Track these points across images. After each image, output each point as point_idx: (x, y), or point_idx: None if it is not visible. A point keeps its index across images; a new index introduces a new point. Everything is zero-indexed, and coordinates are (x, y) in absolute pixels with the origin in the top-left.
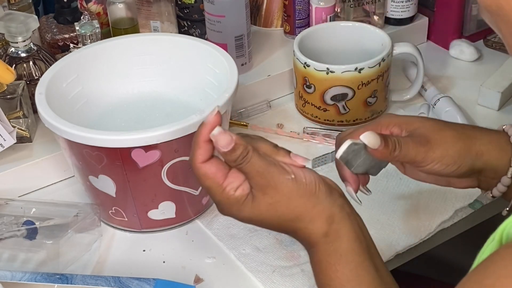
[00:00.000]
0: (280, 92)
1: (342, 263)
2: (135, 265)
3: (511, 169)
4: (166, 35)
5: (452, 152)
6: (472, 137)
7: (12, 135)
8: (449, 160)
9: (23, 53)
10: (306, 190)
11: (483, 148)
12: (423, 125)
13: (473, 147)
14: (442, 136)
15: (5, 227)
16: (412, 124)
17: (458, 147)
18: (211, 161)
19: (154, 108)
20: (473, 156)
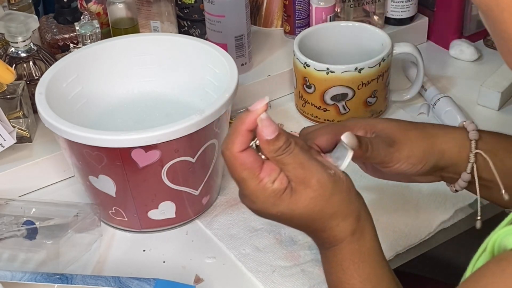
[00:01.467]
0: (280, 92)
1: (365, 261)
2: (135, 265)
3: (470, 165)
4: (166, 35)
5: (417, 152)
6: (435, 136)
7: (12, 135)
8: (415, 159)
9: (23, 53)
10: (344, 186)
11: (445, 146)
12: (387, 126)
13: (436, 146)
14: (407, 136)
15: (5, 227)
16: (376, 126)
17: (423, 146)
18: (248, 151)
19: (154, 108)
20: (436, 155)
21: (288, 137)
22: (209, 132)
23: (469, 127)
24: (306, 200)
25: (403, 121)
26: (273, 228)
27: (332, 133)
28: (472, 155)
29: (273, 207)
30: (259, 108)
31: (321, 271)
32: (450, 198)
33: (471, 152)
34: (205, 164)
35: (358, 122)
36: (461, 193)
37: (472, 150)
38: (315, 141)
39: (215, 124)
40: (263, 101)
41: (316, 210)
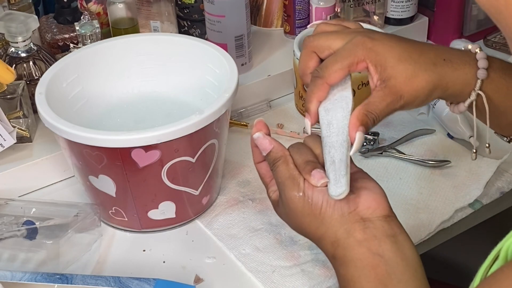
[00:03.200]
0: (280, 92)
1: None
2: (135, 265)
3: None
4: (166, 35)
5: (422, 97)
6: (443, 75)
7: (12, 135)
8: (420, 102)
9: (23, 53)
10: (311, 210)
11: (450, 83)
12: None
13: (441, 84)
14: (414, 86)
15: (5, 227)
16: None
17: (429, 90)
18: (263, 163)
19: (154, 108)
20: (439, 91)
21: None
22: (209, 132)
23: (480, 63)
24: (285, 214)
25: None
26: (273, 228)
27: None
28: (474, 94)
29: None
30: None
31: (321, 271)
32: (450, 198)
33: (474, 90)
34: (205, 164)
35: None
36: (461, 193)
37: (476, 89)
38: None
39: (215, 124)
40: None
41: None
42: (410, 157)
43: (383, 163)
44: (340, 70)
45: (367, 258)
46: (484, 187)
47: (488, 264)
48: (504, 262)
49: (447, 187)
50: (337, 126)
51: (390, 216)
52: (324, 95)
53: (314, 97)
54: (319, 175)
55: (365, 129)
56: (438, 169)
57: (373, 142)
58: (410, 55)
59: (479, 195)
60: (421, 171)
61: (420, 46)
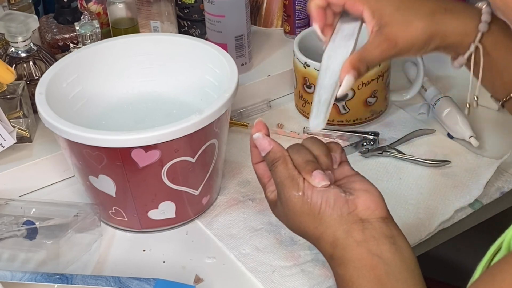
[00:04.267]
0: (280, 92)
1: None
2: (135, 265)
3: (467, 53)
4: (166, 35)
5: (419, 43)
6: (441, 23)
7: (12, 135)
8: (416, 49)
9: (23, 53)
10: (310, 210)
11: (449, 32)
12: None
13: (440, 32)
14: (410, 32)
15: (5, 227)
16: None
17: (425, 37)
18: (261, 163)
19: (154, 108)
20: (438, 39)
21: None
22: (209, 132)
23: (483, 16)
24: (284, 214)
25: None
26: (273, 228)
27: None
28: (473, 46)
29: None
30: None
31: (321, 271)
32: (450, 198)
33: (473, 42)
34: (205, 164)
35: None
36: (461, 193)
37: (475, 41)
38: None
39: (215, 124)
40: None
41: (289, 224)
42: (410, 157)
43: (383, 163)
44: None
45: (366, 258)
46: (484, 187)
47: (490, 257)
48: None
49: (447, 187)
50: (332, 70)
51: (388, 218)
52: (322, 3)
53: (313, 2)
54: (320, 176)
55: (357, 74)
56: (438, 169)
57: (373, 142)
58: (410, 5)
59: (479, 195)
60: (421, 171)
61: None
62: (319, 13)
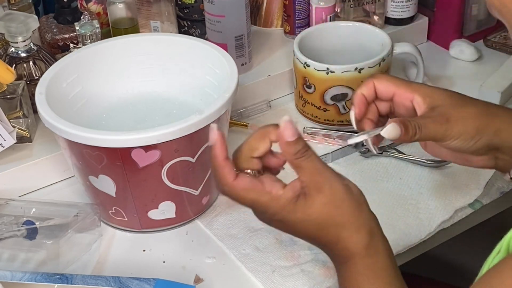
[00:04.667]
0: (280, 92)
1: (380, 277)
2: (135, 265)
3: None
4: (166, 35)
5: (470, 129)
6: (494, 115)
7: (12, 135)
8: (467, 136)
9: (23, 53)
10: (355, 199)
11: (503, 126)
12: (445, 103)
13: (492, 124)
14: (462, 114)
15: (5, 227)
16: (435, 100)
17: (478, 123)
18: (241, 176)
19: (154, 108)
20: (491, 133)
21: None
22: (209, 132)
23: None
24: (320, 205)
25: (463, 97)
26: (273, 228)
27: (395, 84)
28: None
29: (290, 214)
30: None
31: (321, 271)
32: (450, 198)
33: None
34: (205, 164)
35: (421, 88)
36: (461, 193)
37: None
38: (375, 80)
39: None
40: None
41: (329, 216)
42: (410, 157)
43: (383, 163)
44: (390, 81)
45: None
46: (484, 187)
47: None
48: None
49: (447, 187)
50: None
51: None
52: (366, 90)
53: (359, 88)
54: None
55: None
56: (438, 169)
57: None
58: (462, 96)
59: (479, 195)
60: (421, 171)
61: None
62: (361, 101)
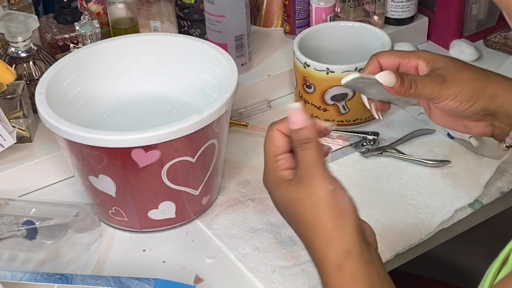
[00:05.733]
0: (280, 92)
1: None
2: (135, 265)
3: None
4: (166, 35)
5: (466, 90)
6: (490, 80)
7: (12, 135)
8: (463, 97)
9: (23, 53)
10: (335, 207)
11: (499, 91)
12: (445, 66)
13: (488, 88)
14: (459, 75)
15: (5, 227)
16: (436, 63)
17: (474, 86)
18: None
19: (154, 108)
20: (488, 97)
21: (311, 135)
22: (209, 132)
23: None
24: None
25: (464, 63)
26: (273, 228)
27: (397, 55)
28: None
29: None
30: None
31: None
32: (450, 198)
33: None
34: (205, 164)
35: (424, 54)
36: (461, 193)
37: None
38: (378, 58)
39: (215, 124)
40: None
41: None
42: (410, 157)
43: (383, 163)
44: (392, 55)
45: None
46: (484, 187)
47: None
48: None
49: (447, 187)
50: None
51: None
52: (372, 68)
53: (365, 69)
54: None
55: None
56: (438, 169)
57: (373, 142)
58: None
59: (479, 195)
60: (421, 171)
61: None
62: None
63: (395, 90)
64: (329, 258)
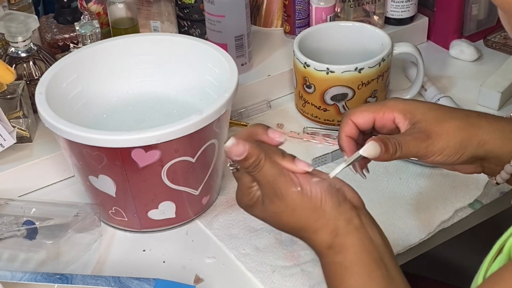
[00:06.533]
0: (280, 92)
1: (348, 274)
2: (135, 265)
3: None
4: (166, 35)
5: (453, 143)
6: (476, 126)
7: (12, 135)
8: (451, 151)
9: (23, 53)
10: (311, 203)
11: (486, 137)
12: (425, 118)
13: (475, 137)
14: (443, 128)
15: (5, 227)
16: (416, 116)
17: (460, 137)
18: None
19: (154, 108)
20: (475, 145)
21: (259, 155)
22: (209, 132)
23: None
24: (272, 213)
25: (444, 110)
26: (273, 228)
27: (370, 111)
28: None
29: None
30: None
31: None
32: (450, 198)
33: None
34: (205, 164)
35: (399, 105)
36: (461, 193)
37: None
38: (352, 117)
39: (215, 124)
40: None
41: (282, 223)
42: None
43: (383, 163)
44: (365, 112)
45: (364, 243)
46: (484, 187)
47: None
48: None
49: (447, 187)
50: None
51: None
52: (348, 130)
53: (341, 131)
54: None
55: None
56: (438, 169)
57: None
58: (441, 107)
59: (479, 195)
60: (421, 171)
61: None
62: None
63: (381, 159)
64: (319, 243)
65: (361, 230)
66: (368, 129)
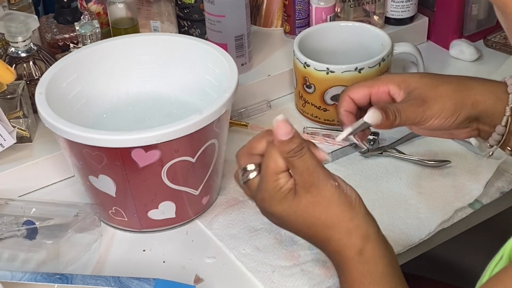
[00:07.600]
0: (280, 92)
1: (376, 285)
2: (135, 265)
3: (505, 118)
4: (166, 35)
5: (448, 105)
6: (469, 87)
7: (12, 135)
8: (447, 113)
9: (23, 53)
10: (346, 201)
11: (479, 97)
12: (419, 85)
13: (468, 98)
14: (437, 92)
15: (5, 227)
16: (410, 85)
17: (454, 99)
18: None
19: (154, 108)
20: (469, 106)
21: (302, 141)
22: (209, 132)
23: (509, 81)
24: (305, 204)
25: (437, 76)
26: (273, 228)
27: (366, 86)
28: (509, 108)
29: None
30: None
31: (321, 271)
32: (450, 198)
33: (507, 105)
34: (205, 164)
35: (393, 78)
36: (461, 193)
37: (510, 103)
38: (349, 93)
39: (215, 124)
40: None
41: (315, 216)
42: (410, 157)
43: (383, 163)
44: (361, 87)
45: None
46: (484, 187)
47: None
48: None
49: (447, 187)
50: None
51: None
52: (347, 105)
53: (340, 107)
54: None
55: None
56: (438, 169)
57: (373, 142)
58: (434, 75)
59: (479, 195)
60: (421, 171)
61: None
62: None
63: (383, 126)
64: (349, 246)
65: (388, 243)
66: (365, 104)
